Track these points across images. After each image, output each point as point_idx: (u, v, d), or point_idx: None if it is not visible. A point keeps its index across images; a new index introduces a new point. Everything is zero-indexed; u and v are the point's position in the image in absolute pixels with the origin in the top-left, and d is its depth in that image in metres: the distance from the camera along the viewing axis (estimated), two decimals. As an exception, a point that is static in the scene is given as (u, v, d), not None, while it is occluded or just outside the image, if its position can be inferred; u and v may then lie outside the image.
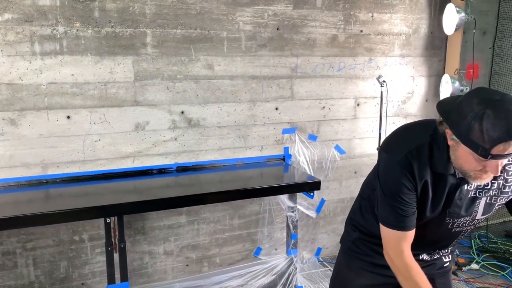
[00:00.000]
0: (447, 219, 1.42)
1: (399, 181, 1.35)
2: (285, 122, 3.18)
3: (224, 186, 2.76)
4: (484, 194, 1.38)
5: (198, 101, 2.90)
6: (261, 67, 3.03)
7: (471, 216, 1.42)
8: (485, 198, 1.38)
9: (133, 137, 2.78)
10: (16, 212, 2.16)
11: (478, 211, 1.41)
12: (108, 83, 2.66)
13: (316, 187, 2.70)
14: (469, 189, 1.37)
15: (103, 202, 2.33)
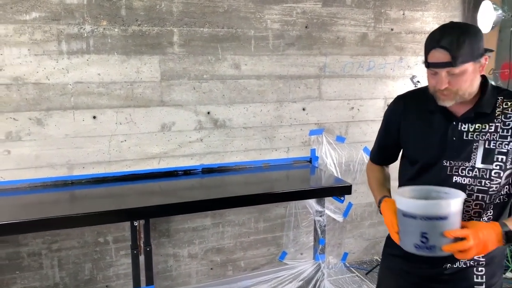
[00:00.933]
0: (444, 161, 1.39)
1: (386, 112, 1.60)
2: (312, 123, 3.09)
3: (250, 189, 2.68)
4: (481, 136, 1.34)
5: (224, 101, 2.83)
6: (288, 67, 2.94)
7: (469, 162, 1.35)
8: (483, 142, 1.33)
9: (159, 138, 2.73)
10: (42, 214, 2.13)
11: (476, 156, 1.34)
12: (135, 82, 2.61)
13: (347, 191, 2.60)
14: (463, 130, 1.36)
15: (130, 205, 2.28)
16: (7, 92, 2.38)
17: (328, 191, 2.65)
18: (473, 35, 1.26)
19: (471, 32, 1.26)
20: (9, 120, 2.41)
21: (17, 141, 2.44)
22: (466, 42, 1.24)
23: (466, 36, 1.24)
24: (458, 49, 1.24)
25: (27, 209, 2.27)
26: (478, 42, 1.27)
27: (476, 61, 1.28)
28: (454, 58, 1.24)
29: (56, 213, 2.10)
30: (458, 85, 1.28)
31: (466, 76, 1.27)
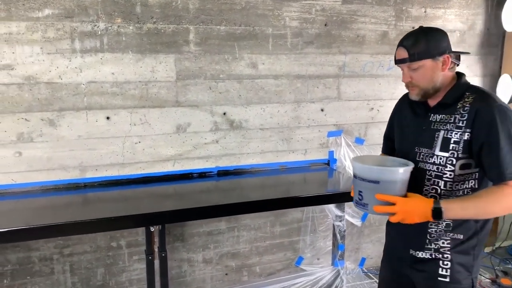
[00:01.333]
0: (416, 148, 1.54)
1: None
2: (331, 124, 3.00)
3: (267, 193, 2.59)
4: (443, 126, 1.47)
5: (240, 101, 2.74)
6: (307, 66, 2.85)
7: (431, 150, 1.48)
8: (443, 131, 1.46)
9: (174, 139, 2.64)
10: (54, 218, 2.04)
11: (436, 144, 1.46)
12: (149, 82, 2.52)
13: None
14: (432, 120, 1.51)
15: (145, 209, 2.19)
16: (19, 92, 2.30)
17: (348, 196, 2.54)
18: (432, 36, 1.43)
19: (430, 34, 1.44)
20: (21, 121, 2.33)
21: (29, 142, 2.36)
22: (423, 41, 1.42)
23: (424, 37, 1.43)
24: (414, 47, 1.43)
25: (38, 212, 2.19)
26: (437, 42, 1.42)
27: (434, 59, 1.43)
28: (411, 55, 1.44)
29: (69, 218, 2.01)
30: (418, 79, 1.45)
31: (425, 71, 1.43)
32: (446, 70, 1.46)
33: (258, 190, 2.66)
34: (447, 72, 1.47)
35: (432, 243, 1.50)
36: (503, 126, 1.33)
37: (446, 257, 1.50)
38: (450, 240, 1.48)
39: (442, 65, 1.44)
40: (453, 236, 1.47)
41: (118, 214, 2.08)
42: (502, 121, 1.33)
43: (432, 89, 1.46)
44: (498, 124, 1.33)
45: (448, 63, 1.44)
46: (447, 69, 1.45)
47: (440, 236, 1.49)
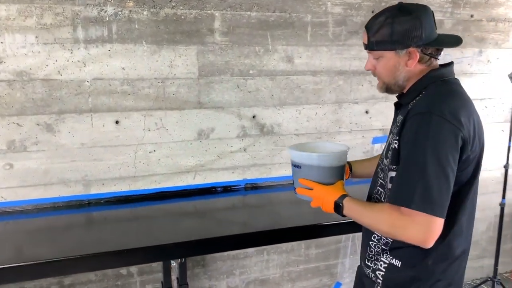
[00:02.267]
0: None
1: None
2: (376, 128, 2.56)
3: (302, 211, 2.15)
4: (393, 129, 1.25)
5: (273, 102, 2.31)
6: (350, 60, 2.41)
7: (382, 154, 1.28)
8: (390, 136, 1.25)
9: (195, 147, 2.22)
10: (51, 247, 1.64)
11: (385, 149, 1.26)
12: (167, 79, 2.10)
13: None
14: (395, 122, 1.25)
15: (161, 234, 1.77)
16: (9, 91, 1.89)
17: None
18: (399, 22, 1.12)
19: (398, 19, 1.12)
20: (12, 126, 1.92)
21: (22, 152, 1.95)
22: (386, 28, 1.13)
23: (390, 22, 1.12)
24: (375, 34, 1.16)
25: (32, 238, 1.77)
26: (403, 31, 1.11)
27: (396, 52, 1.15)
28: (369, 43, 1.18)
29: (69, 246, 1.62)
30: (380, 71, 1.22)
31: (385, 64, 1.18)
32: (414, 66, 1.16)
33: (292, 208, 2.23)
34: (416, 67, 1.17)
35: (372, 260, 1.29)
36: (419, 140, 1.06)
37: (378, 283, 1.25)
38: (387, 264, 1.23)
39: (408, 59, 1.15)
40: (390, 260, 1.22)
41: (129, 242, 1.67)
42: (421, 133, 1.06)
43: (395, 85, 1.21)
44: (415, 136, 1.07)
45: (415, 58, 1.14)
46: (415, 64, 1.15)
47: (378, 254, 1.26)
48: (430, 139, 1.04)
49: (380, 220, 1.13)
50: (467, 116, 1.09)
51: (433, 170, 1.03)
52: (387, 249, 1.23)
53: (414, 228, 1.05)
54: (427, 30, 1.12)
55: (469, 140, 1.08)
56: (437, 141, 1.04)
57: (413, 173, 1.06)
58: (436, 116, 1.05)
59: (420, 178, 1.04)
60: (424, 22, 1.12)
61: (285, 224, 1.94)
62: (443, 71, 1.18)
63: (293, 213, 2.09)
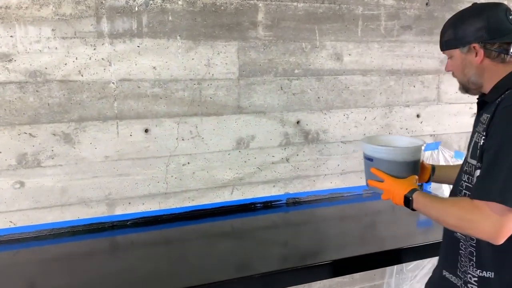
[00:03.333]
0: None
1: None
2: (427, 134, 2.31)
3: (349, 229, 1.89)
4: (478, 127, 1.15)
5: (319, 106, 2.04)
6: (402, 58, 2.15)
7: (466, 155, 1.20)
8: (476, 134, 1.15)
9: (233, 158, 1.93)
10: (69, 284, 1.34)
11: (470, 149, 1.18)
12: (204, 80, 1.81)
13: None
14: (480, 120, 1.16)
15: (195, 259, 1.50)
16: (20, 95, 1.57)
17: None
18: (463, 21, 1.16)
19: (463, 18, 1.17)
20: (23, 137, 1.60)
21: (35, 167, 1.63)
22: (452, 27, 1.19)
23: (456, 21, 1.18)
24: (444, 34, 1.22)
25: (48, 268, 1.47)
26: (466, 28, 1.14)
27: (462, 49, 1.17)
28: (441, 43, 1.24)
29: (91, 274, 1.35)
30: (454, 70, 1.24)
31: (455, 62, 1.21)
32: (486, 62, 1.14)
33: (339, 225, 1.96)
34: (488, 64, 1.14)
35: (462, 271, 1.18)
36: (508, 133, 1.01)
37: None
38: (477, 278, 1.13)
39: (475, 56, 1.15)
40: (480, 274, 1.13)
41: (160, 270, 1.39)
42: (505, 122, 1.03)
43: (469, 83, 1.20)
44: (504, 129, 1.02)
45: (480, 54, 1.13)
46: (481, 60, 1.13)
47: (467, 266, 1.16)
48: None
49: (449, 212, 1.08)
50: None
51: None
52: (473, 259, 1.15)
53: (485, 220, 0.99)
54: (493, 26, 1.11)
55: None
56: None
57: (499, 167, 1.00)
58: None
59: (506, 172, 0.98)
60: (490, 18, 1.11)
61: (334, 244, 1.71)
62: None
63: (341, 232, 1.83)
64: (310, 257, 1.64)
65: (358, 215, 2.07)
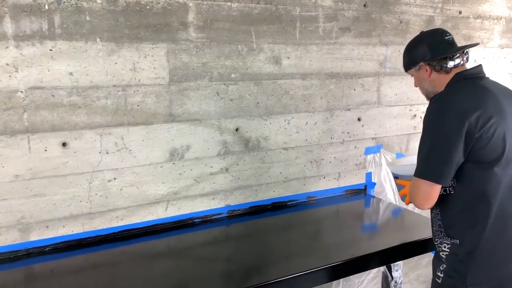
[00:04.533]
0: None
1: None
2: (369, 137, 2.27)
3: (295, 238, 1.81)
4: None
5: (258, 112, 1.93)
6: (342, 61, 2.10)
7: None
8: None
9: (167, 171, 1.77)
10: None
11: None
12: (129, 86, 1.64)
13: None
14: None
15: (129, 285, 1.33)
16: None
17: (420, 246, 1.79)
18: (409, 46, 1.52)
19: (410, 44, 1.52)
20: None
21: None
22: (405, 52, 1.54)
23: (410, 47, 1.51)
24: (404, 58, 1.55)
25: None
26: (412, 52, 1.48)
27: (414, 69, 1.49)
28: (403, 65, 1.57)
29: None
30: (417, 86, 1.54)
31: (415, 79, 1.53)
32: (434, 76, 1.43)
33: (283, 236, 1.87)
34: (436, 76, 1.43)
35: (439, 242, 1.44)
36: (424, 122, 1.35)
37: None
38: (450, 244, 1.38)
39: (425, 72, 1.45)
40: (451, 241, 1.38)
41: None
42: (425, 116, 1.35)
43: (428, 93, 1.49)
44: (424, 119, 1.35)
45: (429, 70, 1.44)
46: (430, 74, 1.44)
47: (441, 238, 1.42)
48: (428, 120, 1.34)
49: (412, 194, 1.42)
50: (474, 104, 1.27)
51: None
52: (441, 230, 1.41)
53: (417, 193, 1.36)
54: (433, 46, 1.41)
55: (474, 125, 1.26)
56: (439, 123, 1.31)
57: (420, 150, 1.36)
58: (435, 103, 1.34)
59: (423, 155, 1.34)
60: (430, 41, 1.42)
61: (278, 256, 1.62)
62: (467, 72, 1.39)
63: (285, 243, 1.75)
64: (253, 273, 1.54)
65: (302, 223, 1.99)
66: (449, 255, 1.36)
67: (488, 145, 1.25)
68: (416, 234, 1.78)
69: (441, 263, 1.38)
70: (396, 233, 1.89)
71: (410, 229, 1.92)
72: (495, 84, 1.38)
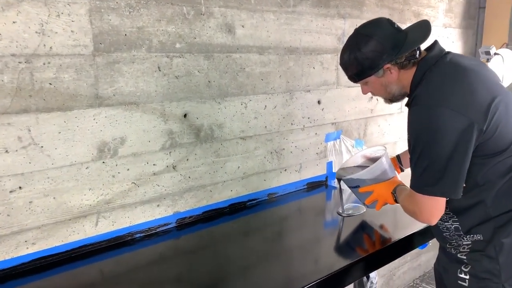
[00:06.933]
0: None
1: None
2: (329, 123, 2.02)
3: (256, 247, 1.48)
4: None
5: (211, 93, 1.55)
6: (301, 33, 1.81)
7: None
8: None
9: (95, 173, 1.31)
10: None
11: None
12: (36, 57, 1.16)
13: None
14: None
15: None
16: None
17: (407, 242, 1.56)
18: (361, 54, 1.16)
19: (359, 51, 1.17)
20: None
21: None
22: (354, 62, 1.19)
23: (354, 57, 1.18)
24: (348, 70, 1.24)
25: None
26: (368, 59, 1.16)
27: (377, 74, 1.19)
28: (349, 77, 1.26)
29: None
30: (376, 92, 1.27)
31: (374, 86, 1.24)
32: (402, 74, 1.18)
33: (242, 243, 1.53)
34: (404, 74, 1.18)
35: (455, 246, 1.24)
36: (412, 130, 1.11)
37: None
38: (470, 243, 1.19)
39: (390, 74, 1.18)
40: (471, 239, 1.18)
41: None
42: (414, 124, 1.11)
43: (394, 96, 1.25)
44: (414, 127, 1.11)
45: (395, 71, 1.18)
46: (400, 72, 1.18)
47: (457, 241, 1.22)
48: (421, 132, 1.09)
49: (405, 207, 1.25)
50: (469, 93, 1.06)
51: None
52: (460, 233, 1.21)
53: (422, 210, 1.16)
54: (390, 43, 1.13)
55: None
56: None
57: (414, 163, 1.13)
58: (427, 110, 1.07)
59: (421, 169, 1.11)
60: (383, 39, 1.14)
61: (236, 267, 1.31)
62: (431, 55, 1.15)
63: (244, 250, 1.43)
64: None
65: (263, 225, 1.65)
66: (472, 254, 1.16)
67: (496, 132, 1.07)
68: (393, 228, 1.56)
69: (461, 264, 1.18)
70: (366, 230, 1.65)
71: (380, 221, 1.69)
72: (464, 58, 1.17)
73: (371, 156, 1.60)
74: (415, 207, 1.15)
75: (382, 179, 1.40)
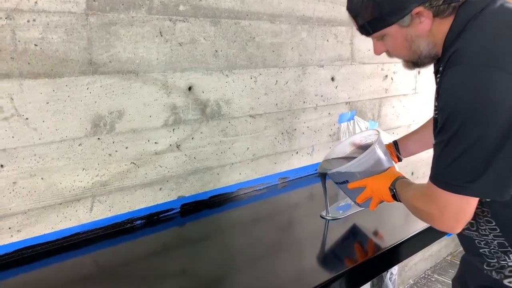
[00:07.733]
0: None
1: None
2: (343, 102, 1.87)
3: (265, 237, 1.33)
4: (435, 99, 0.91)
5: (217, 64, 1.39)
6: (314, 2, 1.65)
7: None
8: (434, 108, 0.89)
9: (89, 151, 1.15)
10: None
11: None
12: (19, 12, 0.99)
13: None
14: None
15: None
16: None
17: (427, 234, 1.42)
18: None
19: None
20: None
21: None
22: (370, 5, 0.87)
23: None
24: (360, 15, 0.91)
25: None
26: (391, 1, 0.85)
27: (399, 24, 0.87)
28: (361, 28, 0.94)
29: None
30: (394, 51, 0.95)
31: (394, 41, 0.91)
32: (436, 24, 0.86)
33: (250, 232, 1.38)
34: (438, 26, 0.87)
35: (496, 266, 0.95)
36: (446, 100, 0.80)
37: None
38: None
39: (419, 23, 0.87)
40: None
41: None
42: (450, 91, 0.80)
43: (423, 58, 0.92)
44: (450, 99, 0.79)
45: (428, 19, 0.85)
46: (434, 22, 0.86)
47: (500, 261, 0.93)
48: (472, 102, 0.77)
49: (411, 207, 1.00)
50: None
51: None
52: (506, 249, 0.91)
53: (443, 214, 0.87)
54: None
55: None
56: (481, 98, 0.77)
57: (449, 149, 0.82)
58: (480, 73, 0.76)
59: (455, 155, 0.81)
60: None
61: (244, 260, 1.14)
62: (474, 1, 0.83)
63: (252, 241, 1.27)
64: (215, 285, 1.02)
65: (272, 213, 1.50)
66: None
67: None
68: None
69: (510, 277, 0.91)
70: (379, 218, 1.51)
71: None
72: None
73: (362, 143, 1.33)
74: (433, 207, 0.86)
75: (376, 171, 1.14)
